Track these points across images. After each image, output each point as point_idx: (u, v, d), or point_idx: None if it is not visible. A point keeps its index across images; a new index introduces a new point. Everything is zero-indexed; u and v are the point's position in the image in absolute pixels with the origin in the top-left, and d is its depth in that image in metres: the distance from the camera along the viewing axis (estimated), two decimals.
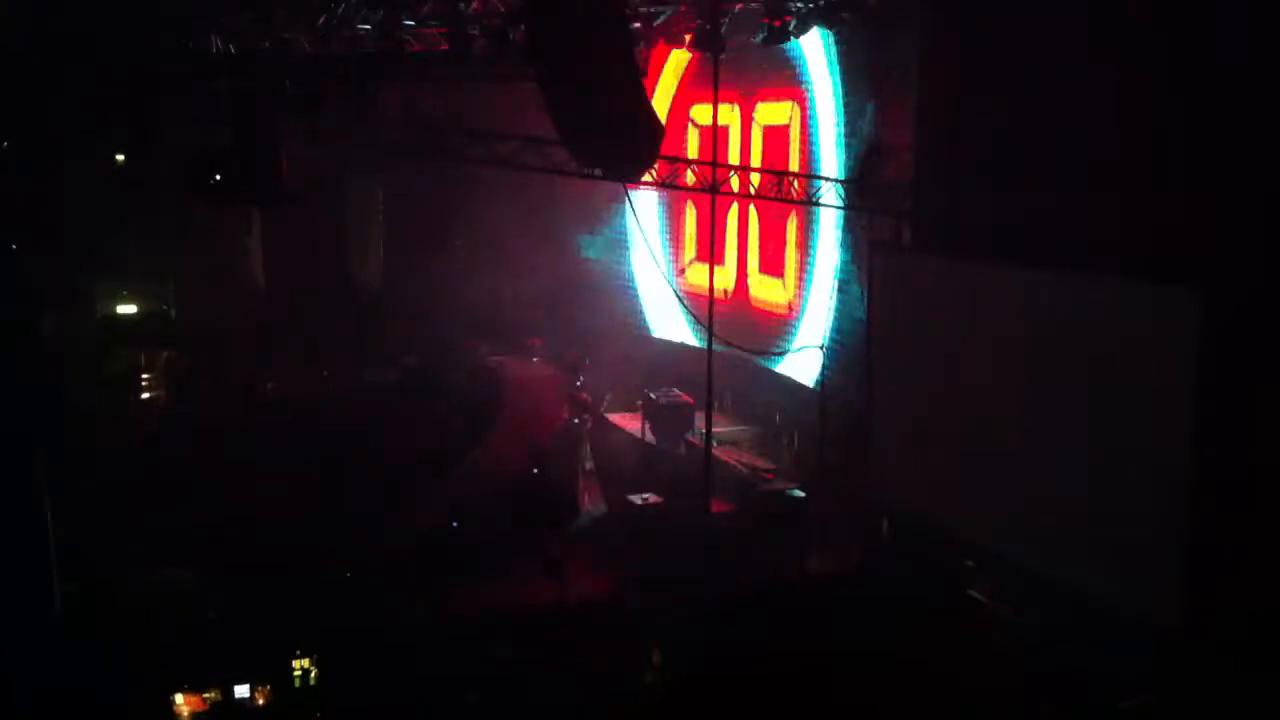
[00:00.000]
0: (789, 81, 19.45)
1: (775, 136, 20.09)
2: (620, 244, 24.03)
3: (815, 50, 18.67)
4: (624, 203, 20.69)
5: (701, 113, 21.69)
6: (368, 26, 15.28)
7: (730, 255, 21.35)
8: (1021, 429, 13.33)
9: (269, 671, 13.23)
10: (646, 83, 17.80)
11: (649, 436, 20.28)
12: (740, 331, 19.22)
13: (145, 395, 20.76)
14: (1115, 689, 11.28)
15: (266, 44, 14.26)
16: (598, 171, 14.99)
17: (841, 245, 18.27)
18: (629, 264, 23.85)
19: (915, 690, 10.39)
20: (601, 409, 21.62)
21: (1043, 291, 13.23)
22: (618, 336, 22.83)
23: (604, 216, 23.85)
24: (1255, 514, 11.06)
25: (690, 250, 22.59)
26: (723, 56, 16.30)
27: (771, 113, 20.28)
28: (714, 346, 16.14)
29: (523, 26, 13.81)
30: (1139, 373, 11.94)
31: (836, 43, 18.23)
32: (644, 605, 13.93)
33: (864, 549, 16.02)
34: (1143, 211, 12.33)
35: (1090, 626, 12.06)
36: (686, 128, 22.24)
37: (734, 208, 21.10)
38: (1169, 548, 11.36)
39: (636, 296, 23.72)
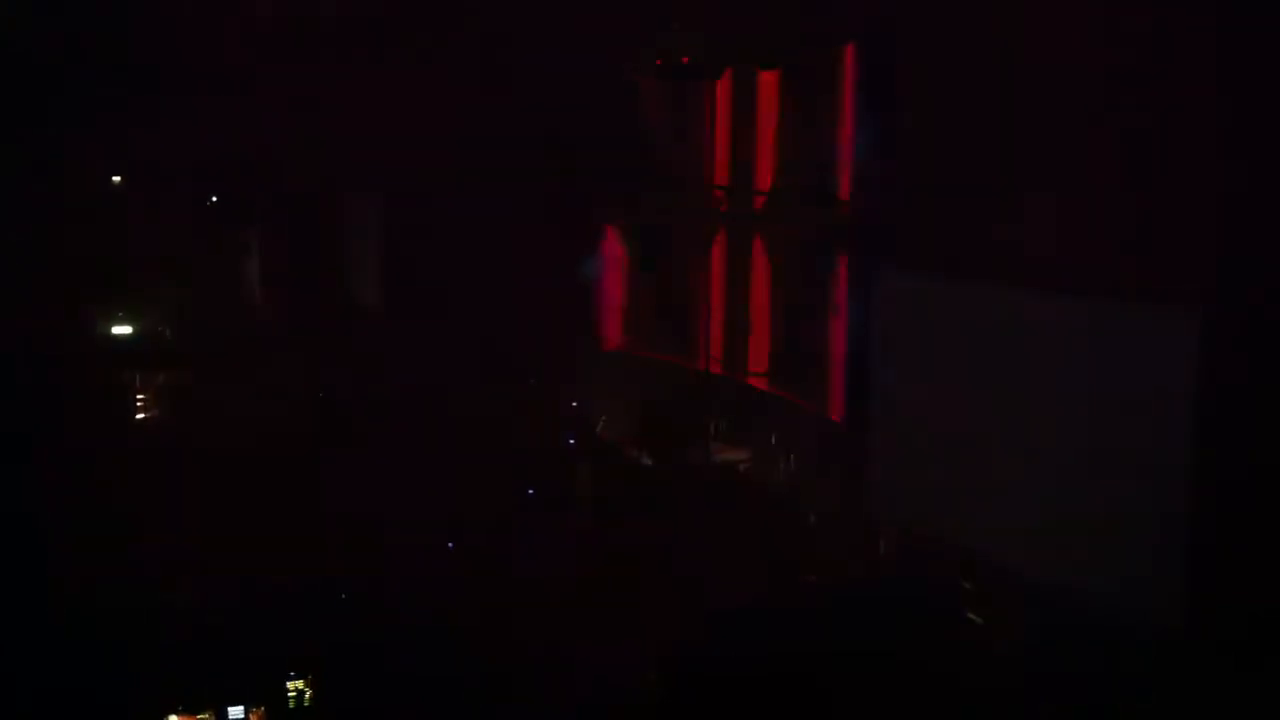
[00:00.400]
0: None
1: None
2: None
3: None
4: None
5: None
6: None
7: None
8: (1020, 437, 13.30)
9: (264, 692, 13.16)
10: None
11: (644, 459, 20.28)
12: None
13: (141, 415, 20.76)
14: (1115, 689, 11.23)
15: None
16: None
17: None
18: None
19: (914, 691, 10.37)
20: (597, 430, 21.59)
21: (1040, 303, 13.24)
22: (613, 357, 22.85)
23: None
24: (1255, 514, 10.99)
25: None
26: None
27: None
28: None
29: None
30: (1139, 377, 11.92)
31: None
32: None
33: (863, 566, 15.98)
34: (1141, 220, 12.36)
35: (1090, 626, 12.00)
36: None
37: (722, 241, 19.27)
38: (1169, 548, 11.32)
39: None
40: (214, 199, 14.13)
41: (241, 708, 12.98)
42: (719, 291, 20.79)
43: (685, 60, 17.74)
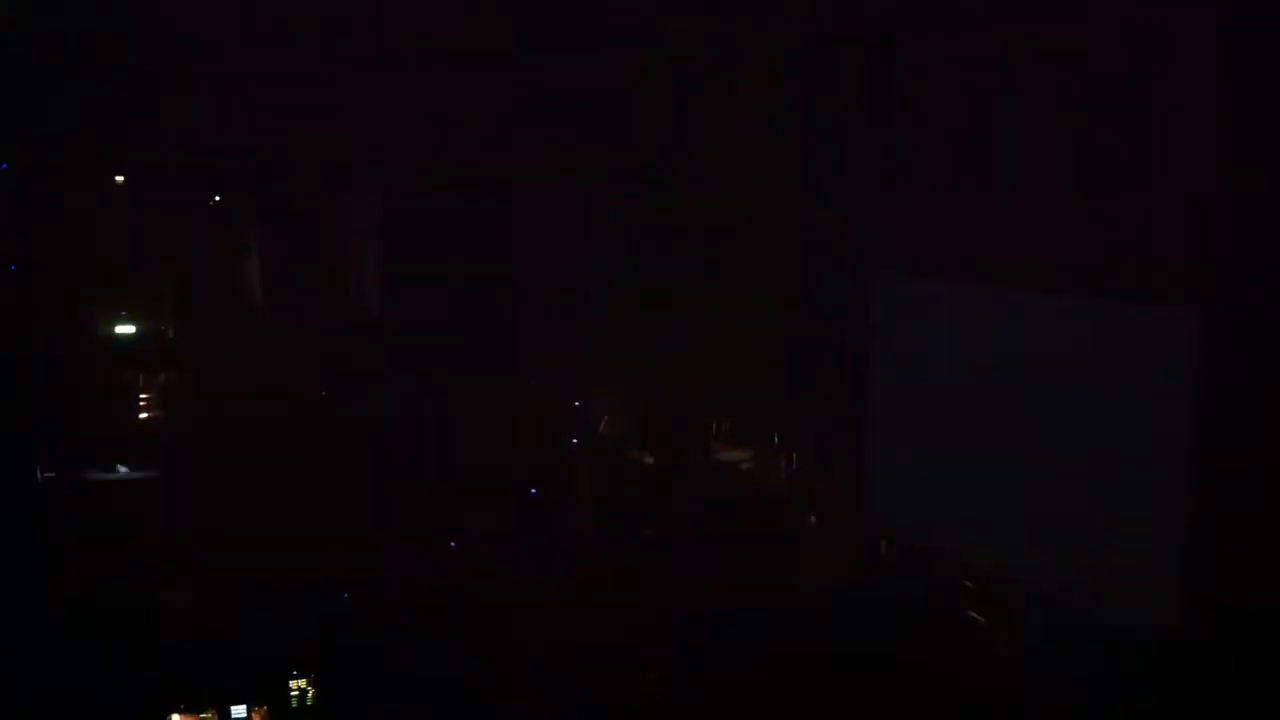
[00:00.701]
0: None
1: None
2: None
3: None
4: None
5: None
6: None
7: None
8: (1019, 439, 13.30)
9: (266, 691, 13.15)
10: None
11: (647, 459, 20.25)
12: None
13: (143, 415, 20.74)
14: (1115, 689, 11.22)
15: None
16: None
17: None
18: None
19: (914, 691, 10.37)
20: (600, 429, 21.56)
21: (1040, 303, 13.24)
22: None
23: None
24: (1255, 514, 10.99)
25: None
26: None
27: None
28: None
29: None
30: (1139, 377, 11.91)
31: None
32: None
33: (864, 569, 15.97)
34: (1141, 220, 12.35)
35: (1090, 626, 11.98)
36: None
37: None
38: (1169, 547, 11.31)
39: None
40: (214, 199, 14.15)
41: (244, 707, 12.98)
42: (719, 291, 20.82)
43: (683, 59, 17.75)
